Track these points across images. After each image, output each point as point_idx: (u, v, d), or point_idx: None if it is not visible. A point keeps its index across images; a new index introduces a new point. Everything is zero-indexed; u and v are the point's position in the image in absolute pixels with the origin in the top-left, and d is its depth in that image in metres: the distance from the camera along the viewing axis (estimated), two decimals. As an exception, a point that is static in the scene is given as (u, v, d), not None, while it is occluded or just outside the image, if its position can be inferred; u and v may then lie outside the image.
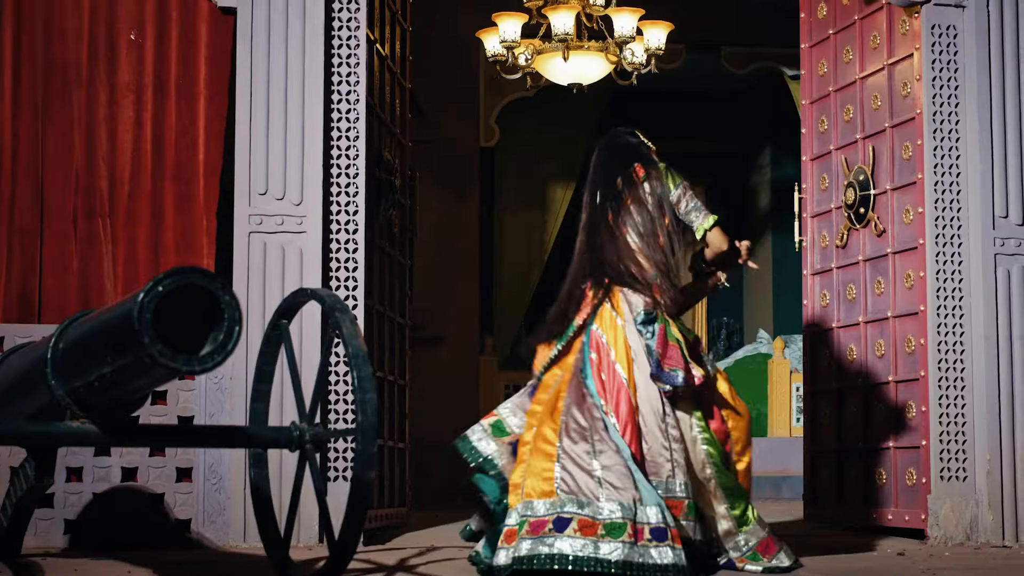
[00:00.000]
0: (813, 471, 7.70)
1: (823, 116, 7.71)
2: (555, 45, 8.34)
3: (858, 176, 7.29)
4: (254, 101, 6.30)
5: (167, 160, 6.38)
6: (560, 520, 4.82)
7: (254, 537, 6.06)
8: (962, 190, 6.75)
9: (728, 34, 11.69)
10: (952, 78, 6.79)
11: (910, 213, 6.89)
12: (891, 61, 7.10)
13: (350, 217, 6.37)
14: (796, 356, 12.02)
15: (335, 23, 6.42)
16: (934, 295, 6.71)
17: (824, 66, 7.70)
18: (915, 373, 6.78)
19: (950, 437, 6.63)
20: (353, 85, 6.41)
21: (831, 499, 7.47)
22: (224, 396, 6.15)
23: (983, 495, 6.59)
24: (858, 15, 7.39)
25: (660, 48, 8.66)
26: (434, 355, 10.57)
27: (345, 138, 6.39)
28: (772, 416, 11.66)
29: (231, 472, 6.12)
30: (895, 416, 6.94)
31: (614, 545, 4.77)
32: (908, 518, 6.77)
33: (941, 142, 6.77)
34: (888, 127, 7.09)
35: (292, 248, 6.25)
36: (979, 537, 6.56)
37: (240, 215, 6.26)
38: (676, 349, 5.20)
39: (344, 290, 6.30)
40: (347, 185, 6.38)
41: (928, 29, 6.80)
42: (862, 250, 7.28)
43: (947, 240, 6.74)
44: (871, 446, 7.11)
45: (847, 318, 7.39)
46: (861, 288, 7.29)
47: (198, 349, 3.73)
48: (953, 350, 6.69)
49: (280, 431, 4.57)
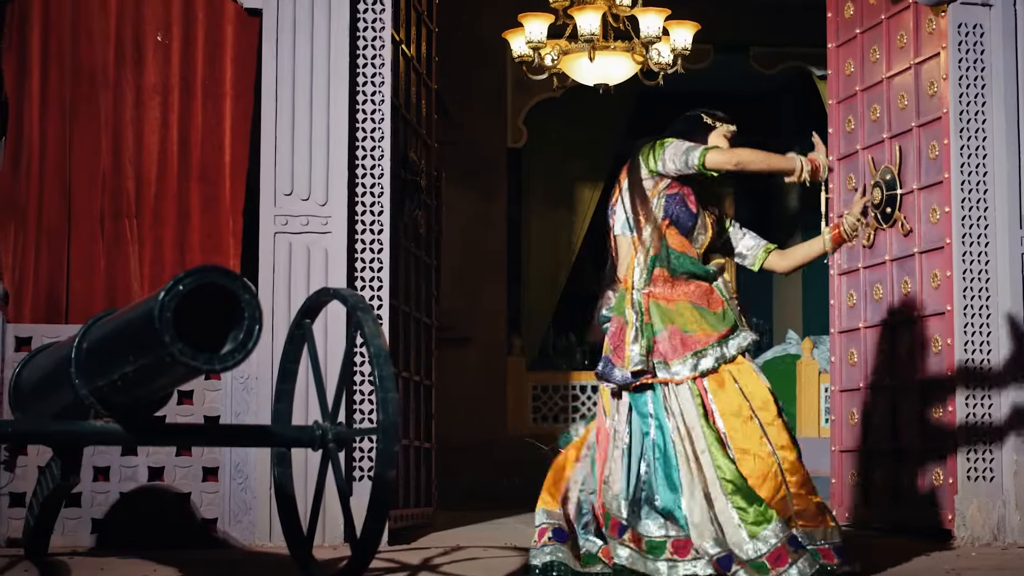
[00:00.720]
0: (839, 471, 7.68)
1: (850, 116, 7.69)
2: (581, 45, 8.34)
3: (885, 175, 7.26)
4: (280, 102, 6.32)
5: (193, 161, 6.42)
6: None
7: (280, 536, 6.02)
8: (989, 189, 6.73)
9: (756, 34, 11.65)
10: (979, 77, 6.76)
11: (937, 212, 6.87)
12: (918, 60, 7.07)
13: (375, 217, 6.38)
14: (825, 357, 11.96)
15: (360, 24, 6.44)
16: (961, 295, 6.69)
17: (851, 65, 7.68)
18: (942, 373, 6.76)
19: (977, 438, 6.61)
20: (378, 86, 6.43)
21: (858, 499, 7.45)
22: (250, 396, 6.17)
23: (1010, 495, 6.56)
24: (885, 14, 7.36)
25: (686, 48, 8.64)
26: (461, 356, 10.58)
27: (370, 138, 6.41)
28: (801, 417, 11.61)
29: (257, 472, 6.14)
30: (922, 417, 6.91)
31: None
32: (935, 519, 6.74)
33: (968, 141, 6.74)
34: (915, 126, 7.06)
35: (317, 248, 6.27)
36: (1006, 538, 6.54)
37: (265, 215, 6.28)
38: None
39: (369, 290, 6.32)
40: (372, 185, 6.40)
41: (955, 28, 6.78)
42: (889, 250, 7.26)
43: (974, 239, 6.71)
44: (898, 446, 7.09)
45: (874, 318, 7.37)
46: (888, 288, 7.26)
47: (220, 348, 3.75)
48: (980, 350, 6.66)
49: (303, 430, 4.59)
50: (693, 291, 5.02)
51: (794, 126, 13.85)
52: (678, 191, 5.09)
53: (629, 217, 5.09)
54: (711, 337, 4.96)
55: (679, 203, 5.08)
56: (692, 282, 5.03)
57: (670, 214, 5.06)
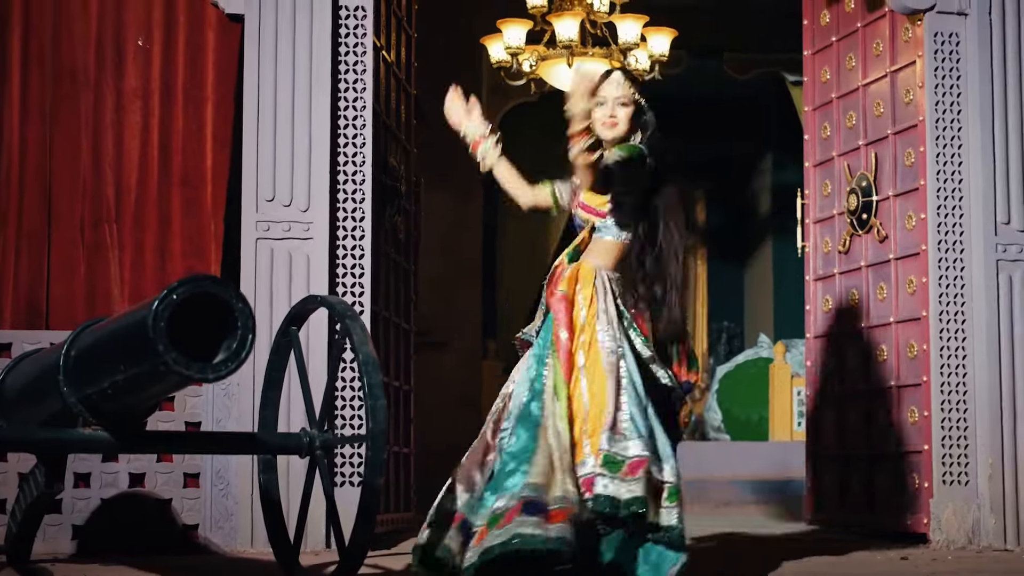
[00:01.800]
0: (815, 475, 7.74)
1: (826, 122, 7.75)
2: (560, 51, 8.38)
3: (860, 182, 7.33)
4: (261, 107, 6.33)
5: (174, 165, 6.42)
6: None
7: (261, 542, 6.09)
8: (964, 196, 6.79)
9: (730, 40, 11.73)
10: (955, 85, 6.82)
11: (912, 219, 6.93)
12: (894, 68, 7.14)
13: (357, 223, 6.40)
14: (797, 360, 12.07)
15: (342, 30, 6.45)
16: (936, 301, 6.74)
17: (827, 73, 7.74)
18: (917, 378, 6.82)
19: (952, 442, 6.67)
20: (360, 92, 6.45)
21: (833, 503, 7.51)
22: (231, 402, 6.17)
23: (985, 499, 6.62)
24: (861, 22, 7.42)
25: (664, 55, 8.71)
26: (438, 360, 10.60)
27: (352, 145, 6.43)
28: (773, 420, 11.71)
29: (238, 477, 6.15)
30: (897, 421, 6.97)
31: None
32: (910, 522, 6.80)
33: (943, 149, 6.80)
34: (891, 134, 7.13)
35: (299, 254, 6.28)
36: (981, 541, 6.59)
37: (247, 221, 6.28)
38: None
39: (351, 296, 6.33)
40: (354, 192, 6.41)
41: (931, 37, 6.83)
42: (864, 256, 7.32)
43: (949, 246, 6.77)
44: (873, 451, 7.15)
45: (850, 323, 7.43)
46: (864, 293, 7.32)
47: (209, 356, 3.76)
48: (955, 355, 6.72)
49: (290, 437, 4.61)
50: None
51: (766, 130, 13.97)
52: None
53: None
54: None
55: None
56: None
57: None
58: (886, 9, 7.13)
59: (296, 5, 6.36)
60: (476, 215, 11.46)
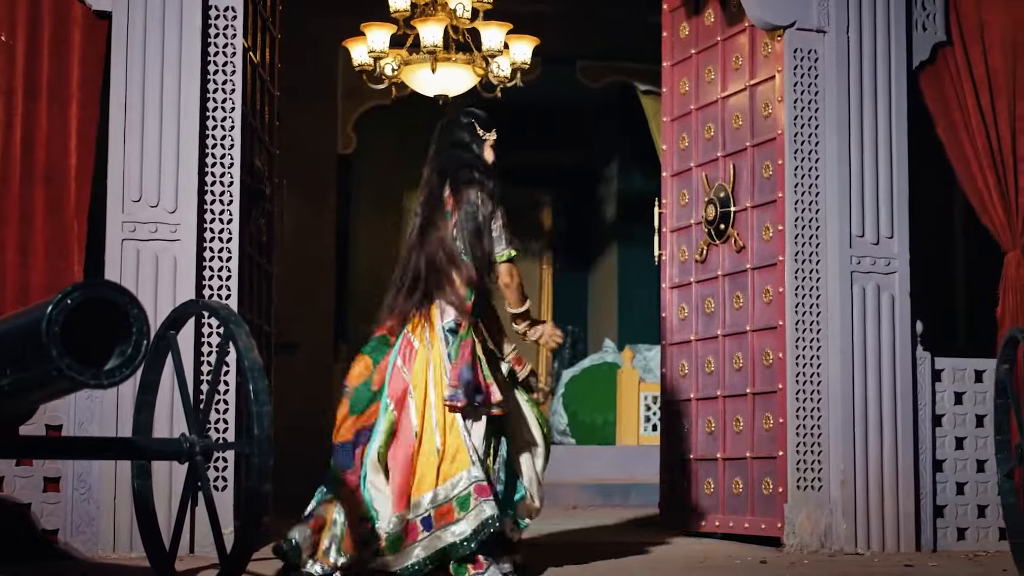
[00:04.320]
0: (670, 480, 7.86)
1: (684, 133, 7.88)
2: (423, 56, 8.40)
3: (719, 193, 7.47)
4: (129, 107, 6.23)
5: (37, 163, 6.27)
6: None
7: (124, 547, 6.03)
8: (821, 209, 6.96)
9: (584, 48, 11.86)
10: (813, 100, 7.00)
11: (770, 230, 7.09)
12: (753, 82, 7.30)
13: (224, 226, 6.34)
14: (643, 365, 12.24)
15: (211, 30, 6.39)
16: (793, 310, 6.91)
17: (686, 84, 7.88)
18: (773, 386, 6.98)
19: (806, 448, 6.84)
20: (229, 93, 6.39)
21: (687, 508, 7.63)
22: (95, 405, 6.06)
23: (837, 504, 6.81)
24: (721, 36, 7.58)
25: (526, 62, 8.77)
26: (290, 362, 10.52)
27: (220, 146, 6.37)
28: (621, 425, 11.85)
29: (100, 482, 6.05)
30: (753, 427, 7.13)
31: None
32: (764, 526, 6.96)
33: (801, 162, 6.97)
34: (749, 146, 7.28)
35: (166, 256, 6.20)
36: (833, 544, 6.77)
37: (113, 222, 6.19)
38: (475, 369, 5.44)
39: (218, 298, 6.27)
40: (221, 193, 6.35)
41: (791, 52, 7.00)
42: (721, 265, 7.47)
43: (806, 257, 6.95)
44: (729, 456, 7.29)
45: (706, 331, 7.57)
46: (720, 302, 7.47)
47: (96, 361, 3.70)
48: (810, 364, 6.90)
49: (169, 443, 4.56)
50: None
51: (614, 138, 14.13)
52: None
53: (470, 243, 5.52)
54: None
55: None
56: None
57: (488, 251, 5.60)
58: (746, 24, 7.29)
59: (165, 4, 6.29)
60: (329, 217, 11.40)
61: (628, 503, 10.76)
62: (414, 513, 5.31)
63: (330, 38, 10.58)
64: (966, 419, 7.14)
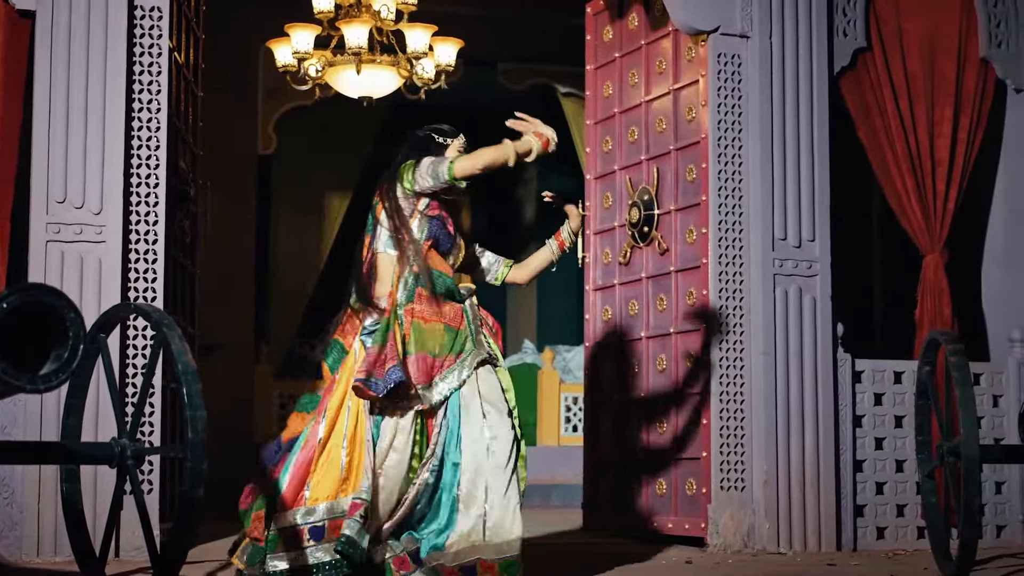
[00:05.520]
0: (594, 481, 7.91)
1: (607, 136, 7.93)
2: (347, 58, 8.38)
3: (642, 196, 7.53)
4: (53, 106, 6.17)
5: (-42, 164, 6.21)
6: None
7: (48, 551, 5.98)
8: (744, 212, 7.04)
9: (505, 50, 11.89)
10: (736, 105, 7.08)
11: (693, 233, 7.15)
12: (677, 86, 7.36)
13: (150, 227, 6.30)
14: (562, 367, 12.31)
15: (137, 30, 6.34)
16: (716, 312, 6.98)
17: (609, 88, 7.93)
18: (697, 387, 7.05)
19: (730, 449, 6.91)
20: (155, 94, 6.34)
21: (611, 509, 7.69)
22: (17, 409, 5.99)
23: (760, 504, 6.88)
24: (644, 40, 7.64)
25: (451, 64, 8.79)
26: (210, 363, 10.46)
27: (146, 147, 6.32)
28: (541, 426, 11.90)
29: (24, 486, 5.99)
30: (677, 428, 7.19)
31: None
32: (688, 526, 7.02)
33: (725, 166, 7.05)
34: (673, 150, 7.35)
35: (91, 258, 6.14)
36: (756, 544, 6.85)
37: (37, 223, 6.12)
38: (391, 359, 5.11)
39: (143, 300, 6.22)
40: (147, 195, 6.31)
41: (715, 57, 7.07)
42: (645, 267, 7.52)
43: (729, 260, 7.02)
44: (653, 457, 7.35)
45: (630, 333, 7.63)
46: (644, 304, 7.53)
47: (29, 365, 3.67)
48: (734, 366, 6.97)
49: (100, 447, 4.52)
50: (448, 311, 5.25)
51: (533, 140, 14.16)
52: (438, 214, 5.30)
53: (391, 236, 5.25)
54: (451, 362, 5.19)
55: (440, 226, 5.30)
56: (448, 303, 5.26)
57: (432, 235, 5.27)
58: (670, 28, 7.35)
59: (91, 3, 6.23)
60: (249, 218, 11.35)
61: (549, 504, 10.80)
62: (306, 520, 5.07)
63: (251, 38, 10.54)
64: (885, 420, 7.25)
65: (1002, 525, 7.42)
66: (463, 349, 5.22)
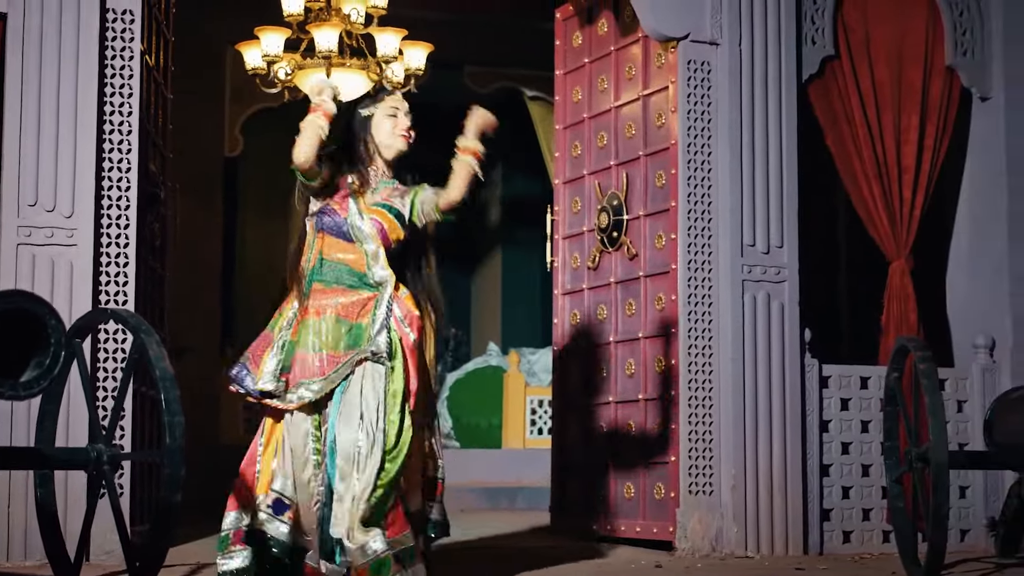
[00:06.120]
0: (562, 484, 7.93)
1: (576, 141, 7.96)
2: (317, 61, 8.39)
3: (612, 201, 7.56)
4: (25, 110, 6.16)
5: (-73, 166, 6.18)
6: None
7: (18, 556, 5.96)
8: (713, 218, 7.08)
9: (472, 53, 11.91)
10: (706, 111, 7.12)
11: (663, 239, 7.19)
12: (646, 92, 7.40)
13: (121, 231, 6.29)
14: (528, 370, 12.33)
15: (109, 33, 6.33)
16: (685, 318, 7.02)
17: (579, 93, 7.96)
18: (665, 392, 7.08)
19: (698, 453, 6.95)
20: (126, 97, 6.34)
21: (579, 512, 7.71)
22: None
23: (728, 509, 6.93)
24: (614, 46, 7.67)
25: (420, 68, 8.81)
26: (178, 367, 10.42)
27: (118, 150, 6.31)
28: (507, 428, 11.93)
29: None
30: (645, 432, 7.23)
31: None
32: (656, 530, 7.06)
33: (695, 172, 7.09)
34: (642, 155, 7.38)
35: (62, 261, 6.13)
36: (724, 548, 6.89)
37: (8, 226, 6.10)
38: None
39: (115, 304, 6.21)
40: (119, 198, 6.30)
41: (684, 64, 7.11)
42: (614, 272, 7.55)
43: (698, 266, 7.06)
44: (621, 461, 7.38)
45: (598, 337, 7.65)
46: (612, 309, 7.56)
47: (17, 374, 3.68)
48: (703, 371, 7.01)
49: (76, 452, 4.53)
50: (344, 303, 5.11)
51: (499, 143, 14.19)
52: (324, 205, 5.25)
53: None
54: (338, 359, 5.03)
55: (326, 215, 5.23)
56: (348, 292, 5.14)
57: (320, 227, 5.22)
58: (640, 35, 7.39)
59: (63, 5, 6.22)
60: (216, 220, 11.33)
61: (515, 507, 10.83)
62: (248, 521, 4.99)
63: (218, 39, 10.51)
64: (852, 425, 7.31)
65: (966, 529, 7.49)
66: (355, 344, 5.05)
